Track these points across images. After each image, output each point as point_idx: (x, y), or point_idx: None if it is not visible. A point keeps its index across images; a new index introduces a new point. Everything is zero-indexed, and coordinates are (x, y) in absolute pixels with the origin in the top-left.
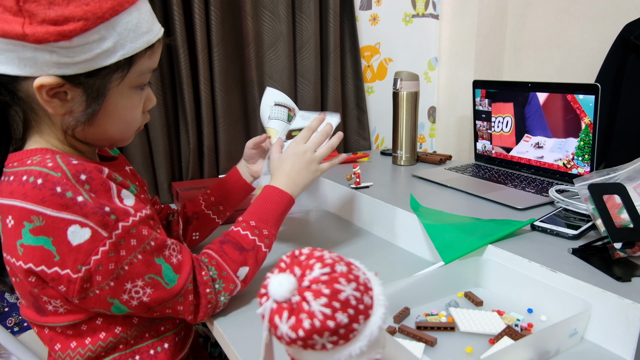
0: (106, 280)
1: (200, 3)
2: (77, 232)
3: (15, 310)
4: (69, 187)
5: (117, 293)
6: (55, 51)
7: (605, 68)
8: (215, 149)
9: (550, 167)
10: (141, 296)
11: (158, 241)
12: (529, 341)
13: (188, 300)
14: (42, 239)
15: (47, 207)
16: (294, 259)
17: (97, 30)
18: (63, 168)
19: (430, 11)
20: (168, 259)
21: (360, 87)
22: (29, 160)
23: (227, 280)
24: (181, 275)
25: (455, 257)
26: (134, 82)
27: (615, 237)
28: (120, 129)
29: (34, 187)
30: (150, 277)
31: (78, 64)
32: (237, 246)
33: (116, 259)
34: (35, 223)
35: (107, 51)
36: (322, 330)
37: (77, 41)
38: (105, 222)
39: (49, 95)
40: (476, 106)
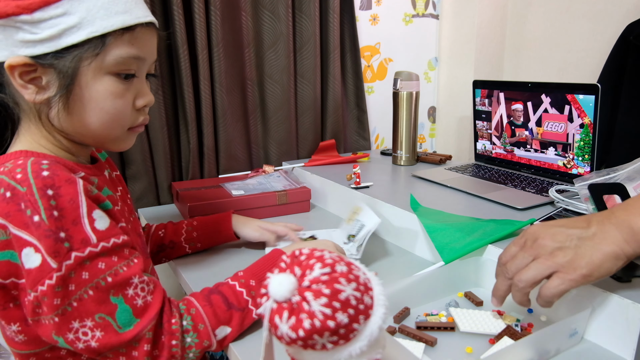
0: (51, 314)
1: (200, 3)
2: (30, 255)
3: None
4: (30, 204)
5: (62, 330)
6: (18, 27)
7: (607, 68)
8: (215, 149)
9: (550, 167)
10: (89, 339)
11: (118, 277)
12: (529, 341)
13: (142, 350)
14: (8, 253)
15: (10, 222)
16: (294, 259)
17: (60, 4)
18: (30, 181)
19: (430, 11)
20: (130, 299)
21: (360, 87)
22: (2, 167)
23: (202, 336)
24: (141, 320)
25: (455, 257)
26: (112, 67)
27: None
28: (102, 121)
29: (2, 200)
30: (100, 317)
31: (44, 42)
32: (226, 301)
33: (63, 294)
34: (1, 237)
35: (72, 27)
36: (322, 330)
37: (39, 14)
38: (56, 249)
39: (23, 80)
40: (476, 106)
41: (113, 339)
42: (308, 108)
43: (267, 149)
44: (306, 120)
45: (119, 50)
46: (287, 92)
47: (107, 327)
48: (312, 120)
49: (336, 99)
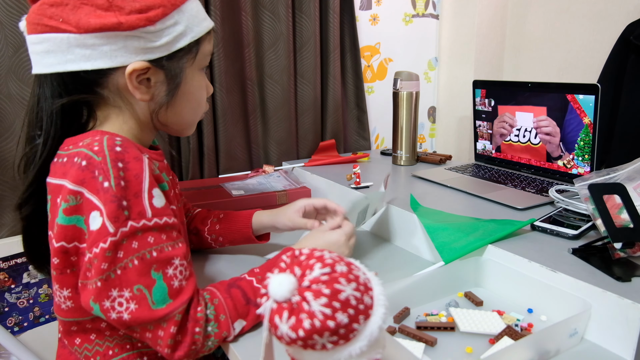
0: (95, 278)
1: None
2: (95, 217)
3: (16, 310)
4: (104, 171)
5: (101, 296)
6: (142, 37)
7: (607, 68)
8: (215, 149)
9: (550, 167)
10: (122, 311)
11: (163, 254)
12: (529, 341)
13: (169, 331)
14: (74, 218)
15: (85, 187)
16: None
17: (172, 16)
18: (105, 153)
19: (430, 11)
20: (168, 278)
21: (360, 87)
22: (81, 142)
23: (222, 327)
24: (173, 302)
25: (455, 257)
26: (201, 63)
27: (615, 237)
28: (193, 111)
29: (79, 168)
30: (138, 289)
31: (160, 48)
32: (245, 296)
33: (111, 260)
34: (71, 202)
35: (181, 34)
36: (322, 330)
37: (159, 26)
38: (117, 214)
39: (137, 82)
40: (476, 106)
41: (145, 314)
42: (308, 108)
43: (267, 149)
44: (306, 120)
45: (205, 48)
46: (287, 92)
47: (142, 300)
48: (312, 120)
49: (336, 99)
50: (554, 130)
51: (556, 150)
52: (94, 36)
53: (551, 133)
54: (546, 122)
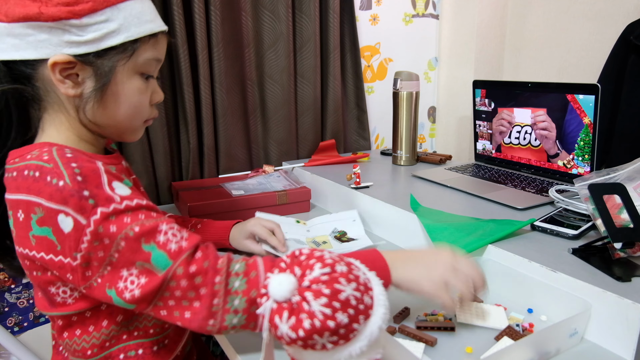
0: (102, 265)
1: (200, 3)
2: (64, 221)
3: (16, 310)
4: (56, 174)
5: (114, 280)
6: (67, 30)
7: (607, 68)
8: (215, 149)
9: (550, 167)
10: (134, 288)
11: (145, 227)
12: (529, 341)
13: (179, 286)
14: (45, 229)
15: (42, 197)
16: (294, 259)
17: (103, 12)
18: (56, 159)
19: (430, 11)
20: (162, 245)
21: (360, 87)
22: (29, 155)
23: (251, 284)
24: (175, 261)
25: None
26: (139, 67)
27: (615, 237)
28: (128, 114)
29: (34, 181)
30: (139, 264)
31: (87, 43)
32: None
33: (102, 247)
34: (38, 214)
35: (113, 32)
36: (322, 330)
37: (86, 20)
38: (82, 206)
39: (62, 75)
40: (476, 106)
41: (153, 282)
42: (308, 108)
43: (267, 149)
44: (306, 120)
45: (146, 53)
46: (287, 92)
47: (148, 272)
48: (312, 120)
49: (336, 99)
50: (549, 125)
51: (553, 147)
52: (20, 25)
53: (547, 128)
54: (543, 117)
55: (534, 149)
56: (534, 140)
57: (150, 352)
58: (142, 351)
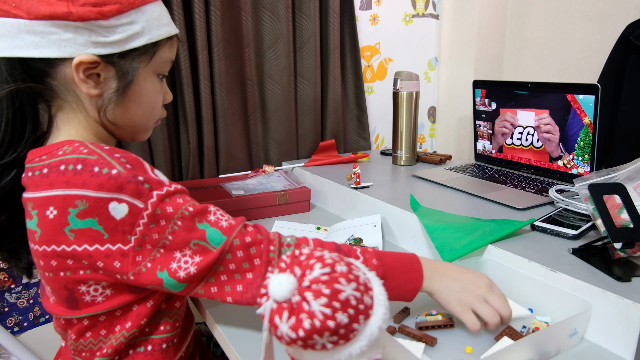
0: (155, 248)
1: (200, 3)
2: (116, 208)
3: (16, 310)
4: (105, 164)
5: (167, 262)
6: (93, 30)
7: (607, 68)
8: (215, 149)
9: (550, 167)
10: (189, 266)
11: (197, 207)
12: (529, 341)
13: (236, 258)
14: (88, 220)
15: (88, 188)
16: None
17: (129, 14)
18: (98, 151)
19: (430, 11)
20: (214, 223)
21: (360, 87)
22: (60, 151)
23: None
24: (228, 236)
25: (455, 257)
26: (158, 68)
27: (615, 237)
28: (145, 114)
29: (75, 174)
30: (195, 243)
31: (112, 44)
32: (337, 246)
33: (158, 230)
34: (80, 207)
35: (136, 33)
36: (322, 330)
37: (113, 21)
38: (139, 190)
39: (84, 75)
40: (476, 106)
41: (209, 258)
42: (308, 108)
43: (267, 149)
44: (306, 120)
45: (164, 55)
46: (287, 92)
47: (203, 250)
48: (312, 120)
49: (336, 99)
50: (553, 128)
51: (556, 150)
52: (43, 24)
53: (550, 131)
54: (546, 119)
55: (536, 150)
56: (536, 142)
57: (159, 350)
58: (152, 348)
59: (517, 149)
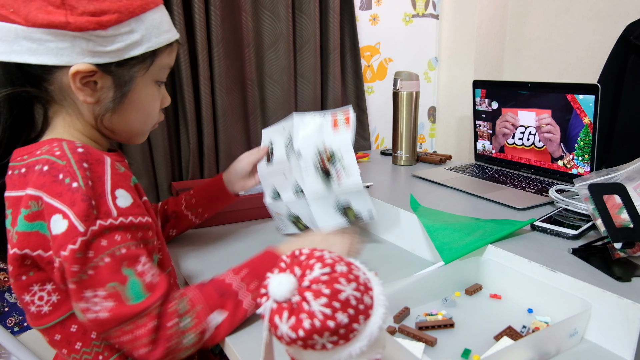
0: (70, 279)
1: (200, 3)
2: (57, 221)
3: (16, 310)
4: (69, 173)
5: (77, 298)
6: (91, 40)
7: (608, 68)
8: (215, 149)
9: (550, 167)
10: (99, 310)
11: (131, 252)
12: (529, 341)
13: (147, 327)
14: (37, 224)
15: (45, 192)
16: (294, 259)
17: (128, 23)
18: (68, 156)
19: (430, 11)
20: (139, 274)
21: (360, 87)
22: (38, 151)
23: (199, 317)
24: (151, 295)
25: (455, 257)
26: (156, 75)
27: (615, 237)
28: (141, 120)
29: (40, 174)
30: (112, 286)
31: (110, 53)
32: (218, 290)
33: (82, 261)
34: (32, 208)
35: (135, 42)
36: (322, 330)
37: (112, 31)
38: (87, 213)
39: (81, 83)
40: (476, 106)
41: (123, 310)
42: (308, 108)
43: None
44: None
45: (162, 62)
46: (287, 92)
47: (117, 297)
48: None
49: (336, 99)
50: (554, 128)
51: (557, 150)
52: (41, 31)
53: (551, 131)
54: (547, 120)
55: (537, 150)
56: (537, 142)
57: None
58: None
59: (518, 148)
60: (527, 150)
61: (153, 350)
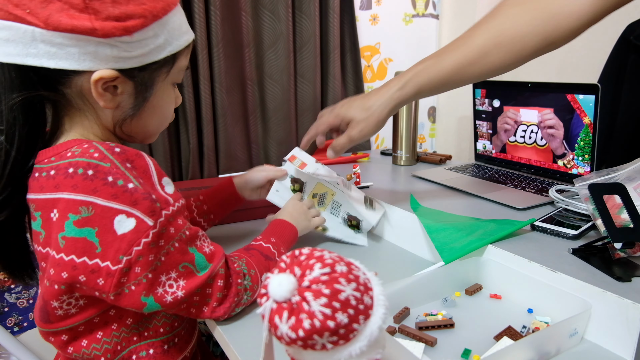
0: (144, 272)
1: (200, 3)
2: (122, 221)
3: (15, 310)
4: (120, 175)
5: (153, 287)
6: (116, 45)
7: (607, 68)
8: (215, 149)
9: (550, 167)
10: (175, 290)
11: (192, 231)
12: (529, 341)
13: (217, 285)
14: (86, 230)
15: (99, 196)
16: (293, 259)
17: (152, 27)
18: (110, 158)
19: (430, 11)
20: (200, 248)
21: (360, 87)
22: (69, 152)
23: (254, 280)
24: (214, 263)
25: (455, 257)
26: (175, 78)
27: (615, 237)
28: (159, 123)
29: (85, 179)
30: (184, 265)
31: (134, 58)
32: (262, 254)
33: (156, 250)
34: (83, 214)
35: (159, 47)
36: (322, 330)
37: (137, 36)
38: (153, 209)
39: (102, 89)
40: (476, 106)
41: (195, 282)
42: (308, 108)
43: (267, 149)
44: (306, 120)
45: (181, 64)
46: (287, 92)
47: (189, 274)
48: (312, 120)
49: (336, 99)
50: (557, 123)
51: (560, 147)
52: (63, 36)
53: (555, 127)
54: (550, 115)
55: (539, 149)
56: (539, 140)
57: (161, 352)
58: (153, 351)
59: (520, 146)
60: (529, 148)
61: (221, 304)
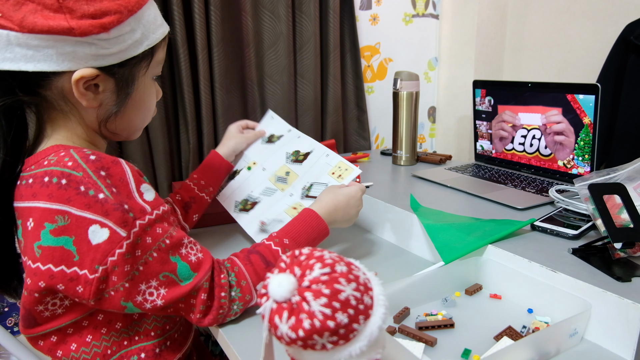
0: (121, 281)
1: (200, 3)
2: (96, 231)
3: (16, 310)
4: (91, 184)
5: (132, 295)
6: (94, 43)
7: (607, 68)
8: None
9: (550, 167)
10: (155, 298)
11: (174, 239)
12: (529, 341)
13: (200, 298)
14: (63, 239)
15: (73, 206)
16: (294, 259)
17: (128, 22)
18: (83, 166)
19: (430, 11)
20: (185, 257)
21: (360, 87)
22: (45, 161)
23: (244, 291)
24: (198, 274)
25: (455, 257)
26: (154, 71)
27: (616, 237)
28: (142, 118)
29: (59, 188)
30: (164, 275)
31: (112, 55)
32: (264, 259)
33: (132, 261)
34: (59, 223)
35: (136, 41)
36: (322, 330)
37: (114, 33)
38: (124, 219)
39: (83, 88)
40: (476, 106)
41: (177, 292)
42: (308, 108)
43: None
44: (306, 120)
45: (159, 57)
46: (287, 92)
47: (170, 283)
48: (312, 120)
49: (336, 99)
50: (567, 128)
51: (568, 157)
52: (39, 37)
53: (564, 132)
54: (558, 117)
55: (543, 159)
56: (543, 148)
57: (152, 355)
58: (145, 355)
59: (519, 155)
60: (531, 157)
61: (206, 316)
